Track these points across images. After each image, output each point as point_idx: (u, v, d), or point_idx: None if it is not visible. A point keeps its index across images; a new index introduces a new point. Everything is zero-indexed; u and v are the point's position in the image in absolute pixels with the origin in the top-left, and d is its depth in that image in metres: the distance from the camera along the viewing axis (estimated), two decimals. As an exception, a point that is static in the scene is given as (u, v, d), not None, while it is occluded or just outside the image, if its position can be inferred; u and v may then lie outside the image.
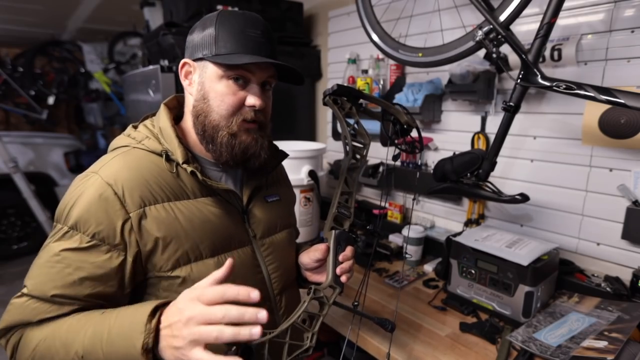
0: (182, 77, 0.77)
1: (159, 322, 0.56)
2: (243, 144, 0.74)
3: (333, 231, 0.80)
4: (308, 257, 0.87)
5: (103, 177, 0.67)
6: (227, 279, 0.56)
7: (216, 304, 0.52)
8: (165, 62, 1.66)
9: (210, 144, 0.74)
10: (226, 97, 0.72)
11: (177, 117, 0.81)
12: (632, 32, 1.07)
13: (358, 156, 0.89)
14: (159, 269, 0.69)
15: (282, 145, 1.89)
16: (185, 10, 1.72)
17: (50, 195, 3.64)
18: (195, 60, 0.74)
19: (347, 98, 0.93)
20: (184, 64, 0.75)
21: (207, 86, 0.73)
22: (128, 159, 0.71)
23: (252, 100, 0.73)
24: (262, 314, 0.50)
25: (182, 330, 0.52)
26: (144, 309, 0.57)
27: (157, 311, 0.57)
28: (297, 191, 1.58)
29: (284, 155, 0.93)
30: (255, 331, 0.49)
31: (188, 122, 0.78)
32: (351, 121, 0.92)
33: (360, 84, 1.71)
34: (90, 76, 4.26)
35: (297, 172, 1.56)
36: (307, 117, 2.21)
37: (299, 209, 1.58)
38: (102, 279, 0.65)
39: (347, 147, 0.87)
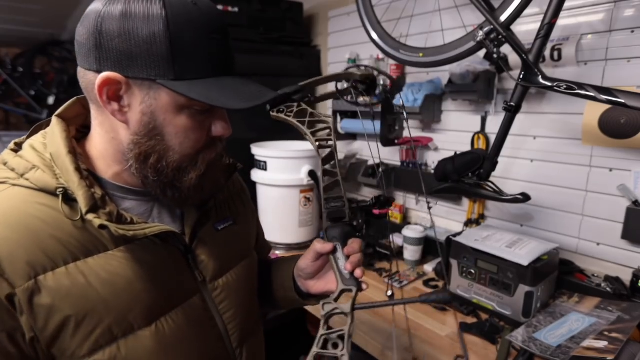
0: (103, 99, 0.50)
1: None
2: (211, 181, 0.58)
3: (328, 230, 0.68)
4: (305, 261, 0.70)
5: None
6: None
7: None
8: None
9: (169, 190, 0.55)
10: (191, 132, 0.53)
11: (82, 128, 0.60)
12: (632, 32, 1.07)
13: (326, 142, 0.77)
14: (70, 355, 0.50)
15: (282, 145, 1.90)
16: (185, 10, 1.72)
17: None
18: (130, 77, 0.49)
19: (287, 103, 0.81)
20: (107, 80, 0.49)
21: (161, 119, 0.51)
22: (3, 207, 0.49)
23: (220, 130, 0.56)
24: None
25: None
26: None
27: None
28: (297, 191, 1.58)
29: (234, 166, 0.72)
30: None
31: (94, 143, 0.56)
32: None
33: (360, 84, 1.71)
34: (90, 76, 4.25)
35: (297, 172, 1.56)
36: (307, 117, 2.20)
37: (299, 208, 1.59)
38: None
39: (314, 145, 0.76)
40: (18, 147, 0.57)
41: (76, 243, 0.50)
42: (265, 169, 1.65)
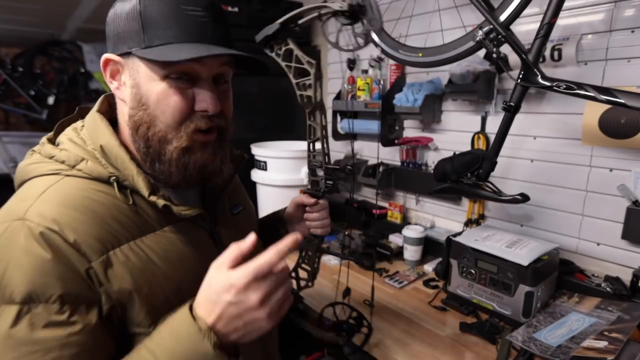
0: (107, 79, 0.59)
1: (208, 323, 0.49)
2: (199, 162, 0.60)
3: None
4: (292, 210, 0.93)
5: (37, 223, 0.49)
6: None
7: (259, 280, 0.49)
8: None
9: (157, 163, 0.59)
10: (170, 99, 0.56)
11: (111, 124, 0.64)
12: (632, 32, 1.07)
13: (305, 93, 0.82)
14: (137, 324, 0.55)
15: (282, 145, 1.90)
16: (185, 10, 1.72)
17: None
18: (120, 55, 0.57)
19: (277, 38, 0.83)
20: (107, 61, 0.57)
21: (144, 89, 0.56)
22: (66, 192, 0.53)
23: (202, 104, 0.57)
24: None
25: (250, 304, 0.48)
26: (183, 326, 0.49)
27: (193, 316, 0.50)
28: (297, 191, 1.58)
29: (242, 157, 0.77)
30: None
31: (125, 133, 0.61)
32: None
33: (360, 83, 1.71)
34: (90, 76, 4.25)
35: (297, 172, 1.56)
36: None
37: (299, 209, 1.58)
38: (90, 346, 0.50)
39: (297, 92, 0.81)
40: (51, 143, 0.61)
41: (132, 224, 0.56)
42: (265, 169, 1.66)
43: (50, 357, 0.47)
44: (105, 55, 0.57)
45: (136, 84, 0.57)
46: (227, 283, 0.49)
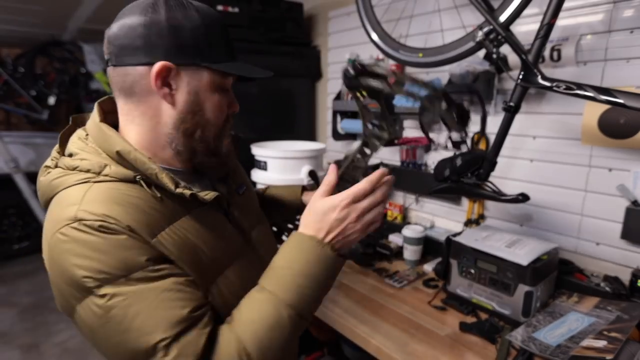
0: (155, 85, 0.61)
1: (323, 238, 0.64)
2: (231, 150, 0.74)
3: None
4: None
5: (93, 219, 0.54)
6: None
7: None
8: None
9: (213, 157, 0.69)
10: (222, 107, 0.67)
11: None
12: (632, 32, 1.07)
13: (367, 151, 0.87)
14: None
15: (282, 145, 1.91)
16: (185, 10, 1.73)
17: (51, 196, 3.65)
18: (178, 64, 0.61)
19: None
20: (166, 68, 0.60)
21: (202, 97, 0.64)
22: (104, 193, 0.58)
23: (235, 107, 0.71)
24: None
25: (351, 221, 0.64)
26: (304, 244, 0.63)
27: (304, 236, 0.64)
28: (297, 191, 1.59)
29: (238, 138, 0.83)
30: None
31: (129, 137, 0.65)
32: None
33: (360, 84, 1.71)
34: (91, 76, 4.26)
35: (297, 172, 1.56)
36: (307, 117, 2.21)
37: (299, 209, 1.59)
38: (195, 282, 0.61)
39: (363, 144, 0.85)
40: (62, 155, 0.66)
41: (166, 212, 0.62)
42: (266, 169, 1.66)
43: (170, 296, 0.55)
44: (163, 63, 0.60)
45: (194, 92, 0.63)
46: (331, 205, 0.64)
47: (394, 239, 1.62)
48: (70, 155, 0.64)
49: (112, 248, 0.54)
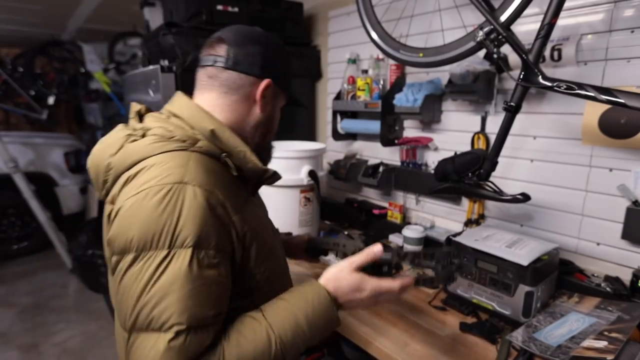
0: (259, 94, 0.77)
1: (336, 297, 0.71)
2: None
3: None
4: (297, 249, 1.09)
5: (200, 187, 0.63)
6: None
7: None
8: (165, 62, 1.66)
9: (261, 152, 0.82)
10: (278, 122, 0.86)
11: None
12: (632, 32, 1.07)
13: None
14: (251, 267, 0.72)
15: (282, 145, 1.90)
16: (185, 10, 1.72)
17: (51, 196, 3.65)
18: (276, 84, 0.80)
19: None
20: (269, 84, 0.78)
21: (275, 111, 0.83)
22: (203, 164, 0.67)
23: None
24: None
25: (367, 302, 0.74)
26: (324, 309, 0.69)
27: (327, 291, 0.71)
28: (297, 191, 1.58)
29: None
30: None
31: (225, 123, 0.77)
32: None
33: (360, 83, 1.71)
34: (90, 76, 4.26)
35: (297, 172, 1.56)
36: (307, 117, 2.21)
37: (298, 209, 1.59)
38: (228, 287, 0.67)
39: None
40: (142, 127, 0.72)
41: (240, 189, 0.74)
42: (265, 169, 1.65)
43: (209, 291, 0.61)
44: (270, 81, 0.77)
45: (275, 106, 0.83)
46: (359, 285, 0.72)
47: (394, 239, 1.61)
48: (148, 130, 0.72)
49: (203, 218, 0.62)
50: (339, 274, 0.73)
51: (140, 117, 0.77)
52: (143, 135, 0.70)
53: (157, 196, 0.60)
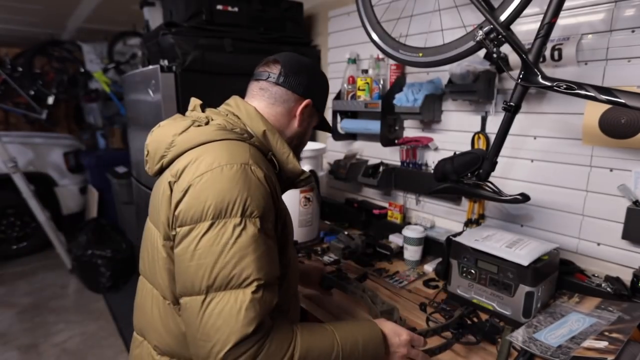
0: (299, 110, 0.88)
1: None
2: None
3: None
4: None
5: (262, 170, 0.73)
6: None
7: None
8: (165, 62, 1.66)
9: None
10: (308, 139, 0.96)
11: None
12: (633, 31, 1.07)
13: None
14: (284, 241, 0.80)
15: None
16: (185, 10, 1.72)
17: (50, 196, 3.64)
18: (314, 105, 0.90)
19: None
20: (309, 104, 0.89)
21: (309, 128, 0.93)
22: (255, 153, 0.76)
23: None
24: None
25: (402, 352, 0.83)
26: (376, 339, 0.80)
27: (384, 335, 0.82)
28: (297, 191, 1.58)
29: None
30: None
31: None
32: None
33: (360, 83, 1.71)
34: (89, 76, 4.26)
35: (297, 172, 1.56)
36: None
37: (299, 208, 1.58)
38: (274, 249, 0.74)
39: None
40: (206, 118, 0.81)
41: (278, 185, 0.80)
42: (265, 169, 1.65)
43: (273, 255, 0.72)
44: (310, 101, 0.89)
45: (309, 124, 0.93)
46: (404, 349, 0.83)
47: (394, 239, 1.61)
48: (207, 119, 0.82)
49: (265, 196, 0.71)
50: (396, 332, 0.84)
51: (201, 108, 0.87)
52: (207, 123, 0.79)
53: (230, 172, 0.69)
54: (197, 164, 0.71)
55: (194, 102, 0.88)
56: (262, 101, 0.87)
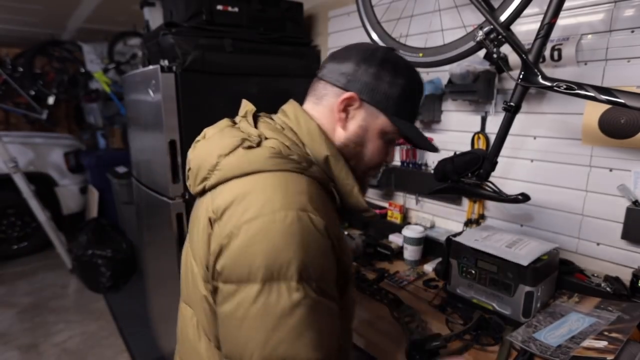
0: (339, 107, 0.70)
1: None
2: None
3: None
4: None
5: (322, 218, 0.60)
6: None
7: None
8: (165, 62, 1.66)
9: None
10: (381, 155, 0.75)
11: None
12: (632, 32, 1.07)
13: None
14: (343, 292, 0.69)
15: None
16: (185, 10, 1.72)
17: (50, 196, 3.65)
18: (364, 100, 0.71)
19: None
20: (352, 98, 0.70)
21: (370, 135, 0.72)
22: (317, 192, 0.64)
23: (392, 159, 0.79)
24: None
25: None
26: None
27: None
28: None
29: None
30: None
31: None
32: None
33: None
34: (90, 76, 4.26)
35: (297, 172, 1.56)
36: (307, 117, 2.20)
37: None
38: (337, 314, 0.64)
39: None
40: (261, 137, 0.67)
41: (338, 215, 0.70)
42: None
43: (335, 324, 0.62)
44: (352, 94, 0.70)
45: (366, 127, 0.72)
46: None
47: (394, 239, 1.61)
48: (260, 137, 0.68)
49: (326, 252, 0.60)
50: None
51: (254, 118, 0.73)
52: (259, 144, 0.65)
53: (284, 223, 0.56)
54: (245, 204, 0.59)
55: (246, 106, 0.75)
56: (309, 102, 0.76)
